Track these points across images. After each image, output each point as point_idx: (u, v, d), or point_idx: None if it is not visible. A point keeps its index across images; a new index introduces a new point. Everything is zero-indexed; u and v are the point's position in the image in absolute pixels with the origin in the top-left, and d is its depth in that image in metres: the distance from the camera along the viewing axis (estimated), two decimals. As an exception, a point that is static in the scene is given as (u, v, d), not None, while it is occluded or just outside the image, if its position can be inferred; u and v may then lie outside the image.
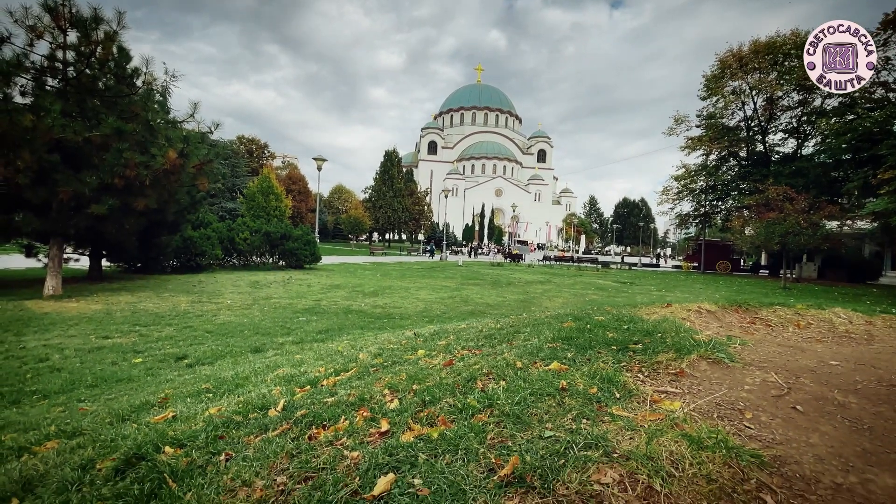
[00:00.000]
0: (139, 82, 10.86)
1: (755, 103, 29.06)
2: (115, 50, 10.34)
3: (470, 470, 1.30)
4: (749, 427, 1.58)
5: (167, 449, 1.82)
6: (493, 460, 1.33)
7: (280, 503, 1.23)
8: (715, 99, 29.61)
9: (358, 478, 1.30)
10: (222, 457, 1.62)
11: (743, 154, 31.18)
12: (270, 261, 20.20)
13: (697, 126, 31.13)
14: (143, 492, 1.40)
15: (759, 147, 30.21)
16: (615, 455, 1.32)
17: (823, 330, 4.02)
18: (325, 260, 23.39)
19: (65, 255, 11.20)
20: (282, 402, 2.19)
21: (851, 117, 22.34)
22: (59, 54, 9.91)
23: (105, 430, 2.61)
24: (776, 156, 29.86)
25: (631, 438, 1.42)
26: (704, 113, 30.58)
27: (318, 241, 21.82)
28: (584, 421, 1.56)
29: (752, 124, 29.88)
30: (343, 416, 1.85)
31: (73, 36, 9.93)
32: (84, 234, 11.91)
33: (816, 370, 2.28)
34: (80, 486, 1.62)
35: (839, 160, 24.39)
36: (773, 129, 29.62)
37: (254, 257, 19.86)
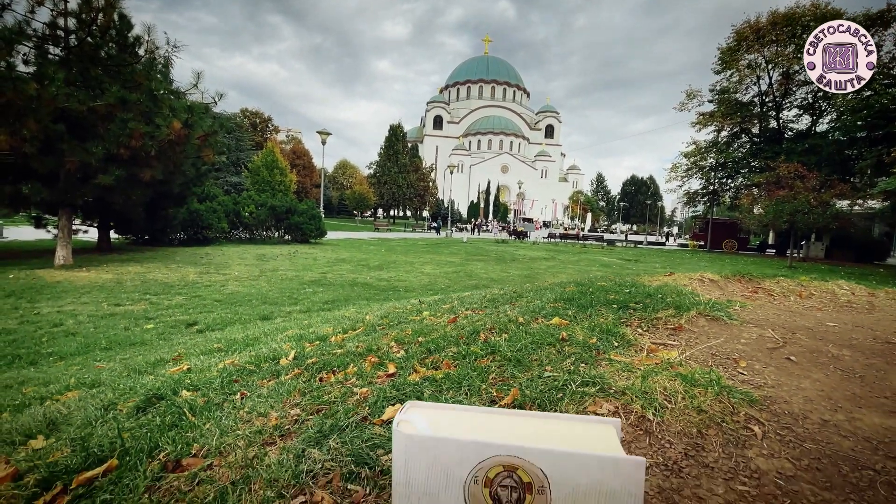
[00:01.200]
0: (141, 51, 10.71)
1: (771, 77, 28.25)
2: (116, 17, 10.17)
3: (472, 401, 1.37)
4: (742, 373, 1.64)
5: (184, 392, 1.91)
6: (495, 394, 1.40)
7: (294, 429, 1.31)
8: (729, 73, 28.81)
9: (367, 408, 1.38)
10: (237, 395, 1.70)
11: (755, 130, 30.52)
12: (276, 235, 20.32)
13: (710, 101, 30.43)
14: (165, 423, 1.49)
15: (773, 123, 29.54)
16: (611, 391, 1.38)
17: (825, 300, 4.04)
18: (331, 235, 23.48)
19: (73, 227, 11.33)
20: (293, 353, 2.28)
21: (868, 94, 21.70)
22: (61, 22, 9.77)
23: (123, 380, 2.73)
24: (789, 132, 29.23)
25: (627, 378, 1.48)
26: (718, 87, 29.83)
27: (323, 216, 21.86)
28: (583, 365, 1.62)
29: (767, 100, 29.13)
30: (352, 364, 1.93)
31: (73, 3, 9.78)
32: (92, 206, 12.03)
33: (814, 329, 2.32)
34: (103, 422, 1.72)
35: (853, 138, 23.84)
36: (788, 104, 28.89)
37: (259, 231, 19.98)
